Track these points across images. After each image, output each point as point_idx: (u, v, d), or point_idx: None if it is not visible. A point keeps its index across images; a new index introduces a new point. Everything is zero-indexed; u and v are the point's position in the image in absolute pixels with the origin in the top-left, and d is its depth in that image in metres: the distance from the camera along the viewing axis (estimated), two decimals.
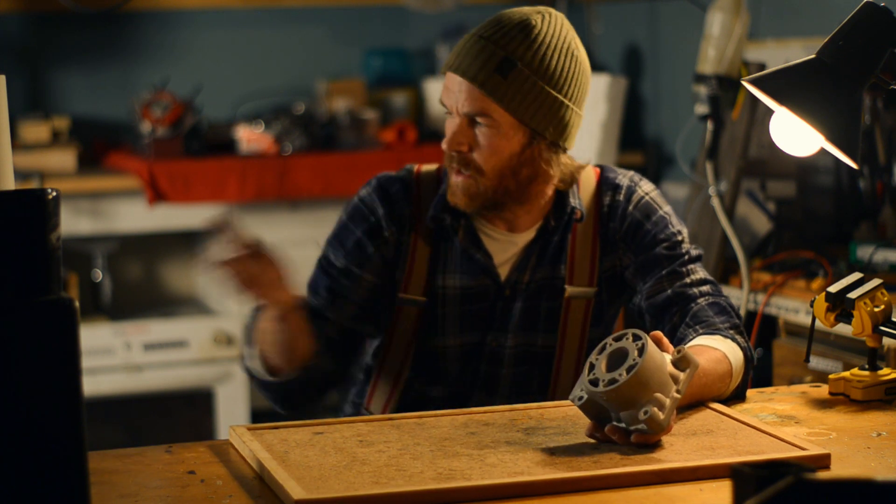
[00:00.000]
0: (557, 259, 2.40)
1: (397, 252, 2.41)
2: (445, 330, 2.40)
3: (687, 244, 2.39)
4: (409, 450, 1.92)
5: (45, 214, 1.51)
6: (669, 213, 2.42)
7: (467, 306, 2.40)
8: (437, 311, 2.40)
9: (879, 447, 1.95)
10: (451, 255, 2.40)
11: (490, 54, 2.30)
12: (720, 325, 2.26)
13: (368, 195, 2.43)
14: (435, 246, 2.41)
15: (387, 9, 5.39)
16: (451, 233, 2.40)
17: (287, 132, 4.83)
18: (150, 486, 1.84)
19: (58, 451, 1.52)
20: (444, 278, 2.40)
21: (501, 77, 2.29)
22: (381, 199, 2.42)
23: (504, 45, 2.30)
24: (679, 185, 4.55)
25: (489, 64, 2.30)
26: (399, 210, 2.41)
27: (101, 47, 5.13)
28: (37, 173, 4.58)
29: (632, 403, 1.89)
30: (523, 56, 2.31)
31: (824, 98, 2.06)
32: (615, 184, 2.43)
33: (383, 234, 2.41)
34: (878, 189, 3.54)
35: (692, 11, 4.42)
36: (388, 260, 2.41)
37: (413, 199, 2.42)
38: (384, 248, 2.41)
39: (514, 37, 2.31)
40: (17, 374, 1.50)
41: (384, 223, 2.41)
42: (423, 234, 2.41)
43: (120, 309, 4.93)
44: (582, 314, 2.40)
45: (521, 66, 2.30)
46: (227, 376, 4.68)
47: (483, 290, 2.40)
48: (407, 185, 2.43)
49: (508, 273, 2.40)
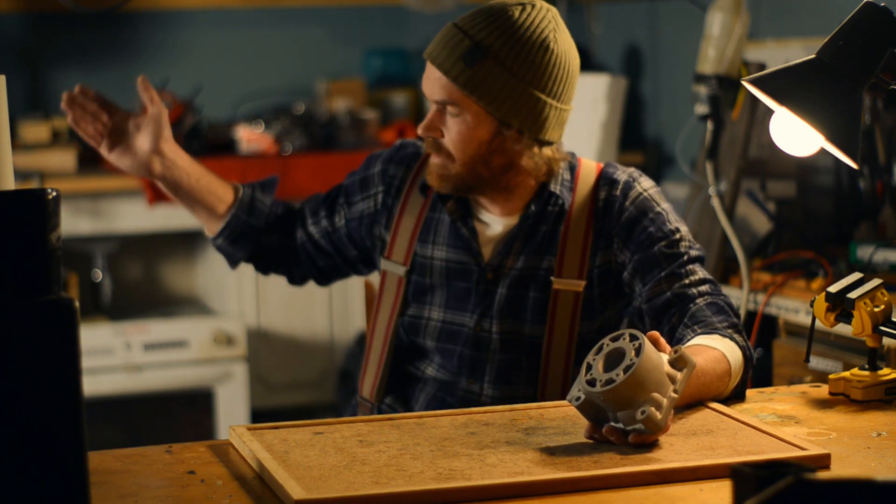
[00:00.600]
0: (546, 250, 2.40)
1: (377, 211, 2.52)
2: (432, 302, 2.42)
3: (686, 242, 2.38)
4: (409, 450, 1.92)
5: (45, 214, 1.51)
6: (667, 211, 2.41)
7: (452, 281, 2.44)
8: (424, 281, 2.45)
9: (879, 447, 1.95)
10: (441, 226, 2.45)
11: (458, 42, 2.34)
12: (718, 324, 2.25)
13: (382, 151, 2.57)
14: (428, 215, 2.46)
15: (387, 9, 5.39)
16: (438, 202, 2.45)
17: (287, 132, 4.83)
18: (150, 486, 1.84)
19: (58, 451, 1.52)
20: (433, 248, 2.45)
21: (467, 66, 2.32)
22: (387, 156, 2.54)
23: (473, 35, 2.33)
24: (679, 185, 4.55)
25: (456, 52, 2.34)
26: (393, 171, 2.52)
27: (101, 47, 5.13)
28: (37, 173, 4.58)
29: (629, 403, 1.89)
30: (491, 46, 2.32)
31: (824, 98, 2.06)
32: (613, 179, 2.43)
33: (373, 188, 2.53)
34: (878, 189, 3.54)
35: (692, 11, 4.42)
36: (364, 214, 2.53)
37: (416, 166, 2.50)
38: (366, 202, 2.54)
39: (485, 26, 2.33)
40: (17, 374, 1.50)
41: (376, 179, 2.53)
42: (412, 202, 2.47)
43: (120, 309, 4.93)
44: (571, 307, 2.39)
45: (489, 55, 2.32)
46: (227, 376, 4.68)
47: (465, 269, 2.43)
48: (415, 153, 2.52)
49: (491, 255, 2.42)
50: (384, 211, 2.51)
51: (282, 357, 4.82)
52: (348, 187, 2.58)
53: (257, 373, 4.79)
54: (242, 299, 4.79)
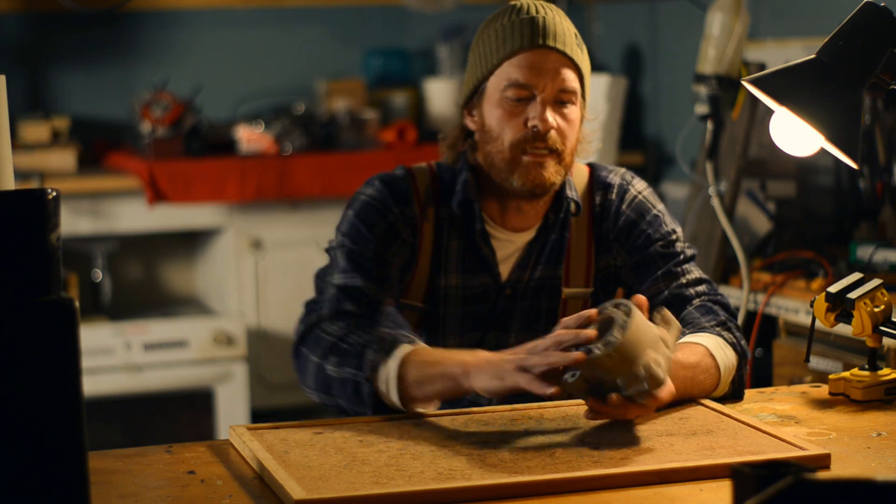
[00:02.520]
0: (557, 259, 2.40)
1: (410, 255, 2.36)
2: (446, 331, 2.39)
3: (681, 243, 2.39)
4: (409, 450, 1.92)
5: (45, 214, 1.51)
6: (663, 212, 2.41)
7: (469, 307, 2.39)
8: (437, 312, 2.39)
9: (879, 447, 1.95)
10: (450, 254, 2.38)
11: (565, 28, 2.32)
12: (706, 323, 2.26)
13: (379, 193, 2.35)
14: (435, 246, 2.38)
15: (387, 9, 5.39)
16: (478, 218, 2.35)
17: (287, 132, 4.83)
18: (150, 486, 1.84)
19: (58, 451, 1.52)
20: (446, 278, 2.37)
21: (581, 51, 2.34)
22: (393, 197, 2.35)
23: (560, 21, 2.33)
24: (679, 185, 4.55)
25: (568, 37, 2.32)
26: (410, 211, 2.35)
27: (101, 47, 5.13)
28: (37, 173, 4.58)
29: (630, 363, 1.93)
30: (575, 30, 2.35)
31: (824, 98, 2.06)
32: (607, 182, 2.42)
33: (401, 235, 2.34)
34: (878, 189, 3.54)
35: (692, 11, 4.42)
36: (403, 262, 2.35)
37: (416, 199, 2.37)
38: (402, 249, 2.35)
39: (557, 14, 2.34)
40: (17, 374, 1.50)
41: (401, 223, 2.34)
42: (426, 236, 2.37)
43: (120, 309, 4.93)
44: None
45: (580, 39, 2.35)
46: (227, 376, 4.68)
47: (484, 291, 2.38)
48: (409, 186, 2.37)
49: (510, 272, 2.39)
50: (412, 250, 2.36)
51: (282, 357, 4.81)
52: (375, 248, 2.32)
53: (257, 373, 4.79)
54: (242, 299, 4.79)
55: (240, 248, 4.77)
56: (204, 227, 4.85)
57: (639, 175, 2.49)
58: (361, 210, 2.34)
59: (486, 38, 2.35)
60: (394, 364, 2.08)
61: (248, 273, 4.78)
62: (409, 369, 2.08)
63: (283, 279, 4.79)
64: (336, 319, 2.22)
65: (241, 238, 4.76)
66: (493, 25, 2.35)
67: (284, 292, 4.78)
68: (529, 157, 2.29)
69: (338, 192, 4.67)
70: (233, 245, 4.77)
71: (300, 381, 2.26)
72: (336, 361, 2.15)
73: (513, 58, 2.30)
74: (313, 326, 2.23)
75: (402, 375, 2.07)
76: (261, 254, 4.78)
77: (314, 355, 2.20)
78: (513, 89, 2.30)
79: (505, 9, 2.36)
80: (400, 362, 2.08)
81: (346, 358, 2.14)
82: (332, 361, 2.16)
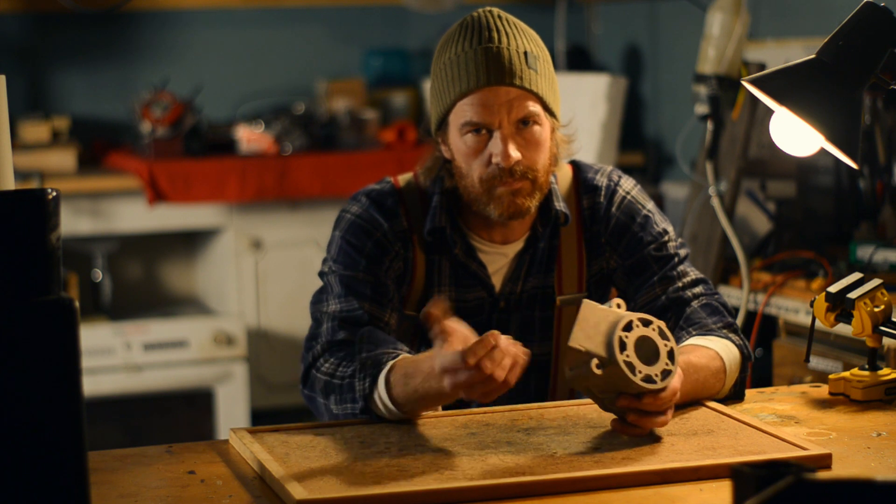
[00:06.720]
0: (548, 268, 2.37)
1: (405, 267, 2.33)
2: None
3: (674, 243, 2.36)
4: (409, 450, 1.92)
5: (45, 214, 1.51)
6: (653, 211, 2.39)
7: (465, 320, 2.35)
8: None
9: (879, 447, 1.95)
10: (443, 269, 2.35)
11: (510, 55, 2.24)
12: (713, 325, 2.25)
13: (365, 211, 2.33)
14: (428, 260, 2.35)
15: (387, 9, 5.39)
16: (450, 244, 2.32)
17: (287, 132, 4.83)
18: (150, 486, 1.84)
19: (58, 451, 1.52)
20: (441, 291, 2.34)
21: (534, 71, 2.25)
22: (380, 213, 2.32)
23: (509, 43, 2.25)
24: (679, 185, 4.55)
25: (515, 64, 2.23)
26: (398, 225, 2.32)
27: (101, 47, 5.13)
28: (37, 173, 4.58)
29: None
30: (529, 44, 2.27)
31: (824, 98, 2.06)
32: (593, 185, 2.39)
33: (392, 249, 2.31)
34: (878, 189, 3.54)
35: (692, 11, 4.42)
36: (398, 275, 2.33)
37: (404, 213, 2.34)
38: (395, 263, 2.32)
39: (507, 31, 2.26)
40: (17, 374, 1.50)
41: (390, 237, 2.31)
42: (418, 248, 2.34)
43: (120, 309, 4.93)
44: (573, 321, 2.37)
45: (536, 53, 2.27)
46: (227, 376, 4.68)
47: (478, 304, 2.36)
48: (396, 200, 2.34)
49: (501, 284, 2.36)
50: (405, 264, 2.34)
51: (282, 357, 4.82)
52: (366, 267, 2.30)
53: (257, 373, 4.79)
54: (242, 299, 4.79)
55: (240, 248, 4.77)
56: (204, 227, 4.85)
57: (639, 175, 2.48)
58: (348, 231, 2.32)
59: (441, 69, 2.29)
60: (382, 386, 2.09)
61: (248, 273, 4.78)
62: (395, 388, 2.07)
63: (283, 279, 4.79)
64: (329, 354, 2.23)
65: (241, 238, 4.76)
66: (447, 53, 2.29)
67: (284, 292, 4.78)
68: (503, 187, 2.25)
69: (338, 192, 4.67)
70: (233, 245, 4.77)
71: (318, 418, 2.27)
72: (335, 399, 2.17)
73: (465, 98, 2.25)
74: (310, 367, 2.25)
75: (392, 396, 2.08)
76: (261, 254, 4.78)
77: (319, 396, 2.22)
78: (468, 128, 2.25)
79: (458, 29, 2.29)
80: (385, 383, 2.08)
81: (343, 394, 2.15)
82: (332, 400, 2.18)
